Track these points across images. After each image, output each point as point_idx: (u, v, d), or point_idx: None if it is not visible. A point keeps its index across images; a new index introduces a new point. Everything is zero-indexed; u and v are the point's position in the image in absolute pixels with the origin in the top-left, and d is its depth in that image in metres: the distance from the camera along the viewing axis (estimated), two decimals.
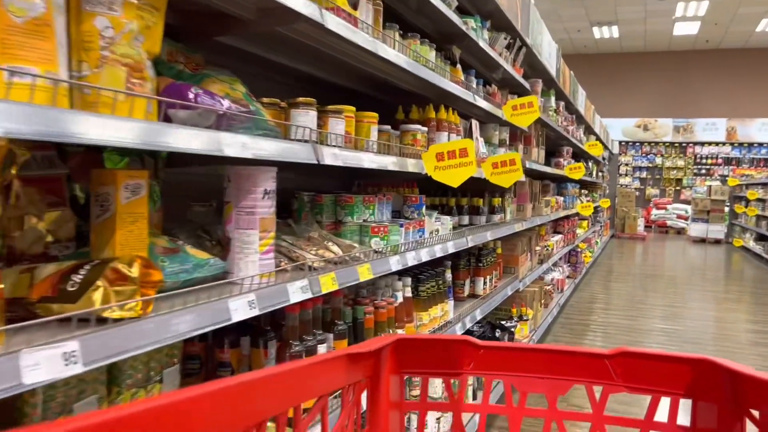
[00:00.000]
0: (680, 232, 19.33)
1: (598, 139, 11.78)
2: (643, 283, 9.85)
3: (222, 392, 0.57)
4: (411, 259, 2.62)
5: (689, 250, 15.15)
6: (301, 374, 0.72)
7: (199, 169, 2.32)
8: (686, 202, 20.37)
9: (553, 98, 6.72)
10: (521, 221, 5.10)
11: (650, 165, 22.06)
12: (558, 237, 7.65)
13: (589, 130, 11.23)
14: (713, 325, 7.00)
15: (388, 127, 2.77)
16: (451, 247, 3.18)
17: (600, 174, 14.04)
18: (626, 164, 22.20)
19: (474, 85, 3.68)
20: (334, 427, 0.86)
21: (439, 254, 2.97)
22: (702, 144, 21.31)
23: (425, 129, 2.87)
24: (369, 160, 2.17)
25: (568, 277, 8.45)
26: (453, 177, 2.66)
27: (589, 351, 0.98)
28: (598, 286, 9.32)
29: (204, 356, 2.09)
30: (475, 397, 3.78)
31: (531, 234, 5.81)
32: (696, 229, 17.28)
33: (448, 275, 3.45)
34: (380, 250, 2.43)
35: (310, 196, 2.52)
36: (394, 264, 2.44)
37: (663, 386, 0.95)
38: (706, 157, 21.38)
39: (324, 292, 1.89)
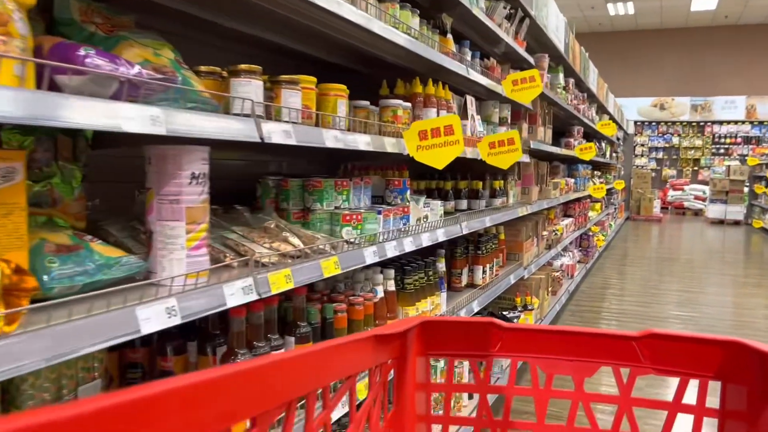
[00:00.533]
0: (698, 213, 18.85)
1: (611, 118, 11.37)
2: (659, 267, 9.50)
3: (253, 372, 0.57)
4: (391, 250, 2.35)
5: (707, 232, 14.71)
6: (329, 355, 0.73)
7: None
8: (704, 182, 19.85)
9: (561, 75, 6.37)
10: (525, 205, 4.80)
11: (667, 145, 21.52)
12: (568, 221, 7.33)
13: (602, 110, 10.83)
14: (731, 311, 6.66)
15: (366, 102, 2.48)
16: (441, 235, 2.90)
17: (614, 155, 13.62)
18: (642, 145, 21.68)
19: (468, 58, 3.37)
20: (362, 407, 0.86)
21: (426, 243, 2.70)
22: (720, 123, 20.73)
23: (408, 105, 2.58)
24: (333, 139, 1.89)
25: (579, 261, 8.13)
26: (437, 158, 2.37)
27: (616, 333, 0.97)
28: (611, 271, 8.99)
29: (147, 364, 1.83)
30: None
31: (537, 218, 5.51)
32: (714, 211, 16.80)
33: (440, 265, 3.17)
34: (353, 240, 2.15)
35: (276, 181, 2.24)
36: (370, 256, 2.17)
37: (692, 368, 0.95)
38: (725, 136, 20.81)
39: (275, 292, 1.62)
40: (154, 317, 1.24)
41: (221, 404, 0.53)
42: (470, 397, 3.65)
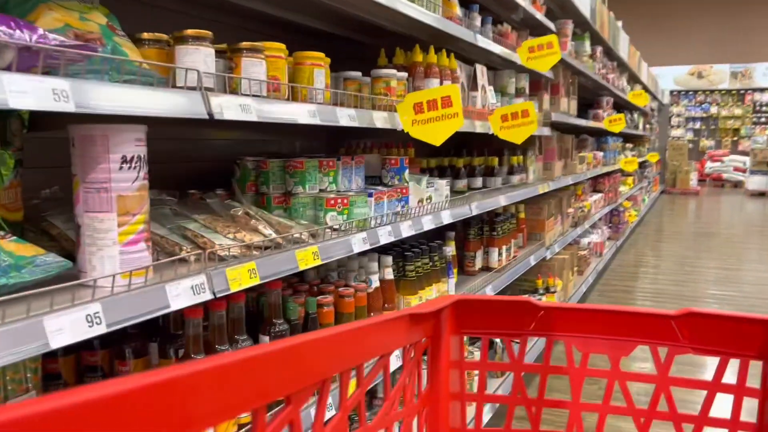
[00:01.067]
0: (737, 185, 18.13)
1: (644, 88, 10.88)
2: (695, 242, 9.09)
3: (288, 351, 0.58)
4: (385, 236, 2.13)
5: (747, 205, 14.12)
6: (363, 333, 0.73)
7: None
8: (744, 153, 19.04)
9: (587, 42, 6.02)
10: (547, 181, 4.53)
11: (705, 115, 20.71)
12: (597, 196, 7.00)
13: (633, 79, 10.36)
14: None
15: (357, 74, 2.26)
16: (447, 218, 2.67)
17: (648, 126, 13.10)
18: (678, 115, 20.91)
19: (478, 23, 3.10)
20: (396, 386, 0.87)
21: (429, 227, 2.48)
22: (762, 90, 19.81)
23: (403, 75, 2.34)
24: (307, 114, 1.68)
25: (608, 239, 7.81)
26: (434, 133, 2.14)
27: (653, 312, 0.96)
28: (644, 248, 8.63)
29: (107, 367, 1.67)
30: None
31: (562, 195, 5.23)
32: (755, 182, 16.11)
33: (448, 249, 2.95)
34: (339, 227, 1.94)
35: (255, 162, 2.04)
36: (358, 244, 1.96)
37: (732, 348, 0.93)
38: (767, 105, 19.91)
39: (235, 289, 1.43)
40: (68, 327, 1.06)
41: (256, 383, 0.53)
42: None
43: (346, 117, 1.85)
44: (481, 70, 3.14)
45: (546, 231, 4.56)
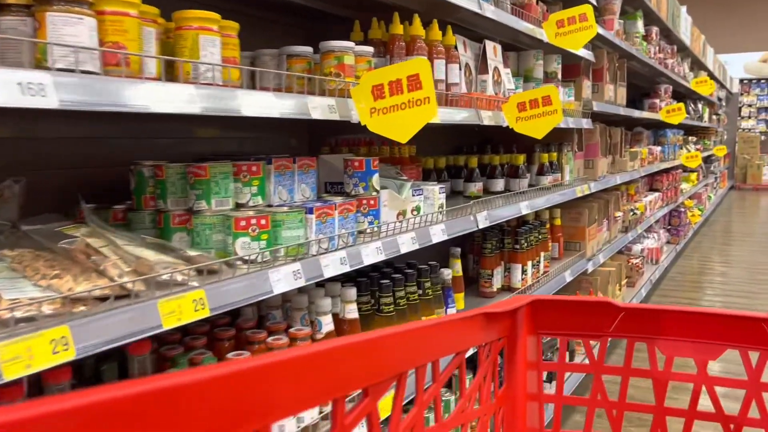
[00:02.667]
0: None
1: (710, 75, 9.89)
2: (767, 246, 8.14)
3: (365, 344, 0.59)
4: (334, 266, 1.58)
5: None
6: (438, 331, 0.74)
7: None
8: None
9: (640, 22, 5.27)
10: (588, 182, 3.86)
11: None
12: (653, 196, 6.23)
13: (697, 65, 9.42)
14: None
15: (306, 49, 1.71)
16: (439, 234, 2.09)
17: (715, 117, 12.02)
18: (749, 105, 19.41)
19: None
20: (472, 384, 0.86)
21: (409, 248, 1.91)
22: None
23: (366, 50, 1.78)
24: (185, 100, 1.14)
25: (668, 242, 7.00)
26: (399, 125, 1.57)
27: (744, 314, 0.91)
28: (710, 252, 7.75)
29: None
30: None
31: (609, 197, 4.53)
32: None
33: (447, 272, 2.36)
34: (253, 258, 1.40)
35: (152, 169, 1.52)
36: (284, 281, 1.41)
37: None
38: None
39: (10, 378, 0.91)
40: None
41: (335, 374, 0.54)
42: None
43: (252, 105, 1.30)
44: (493, 49, 2.54)
45: (587, 240, 3.90)
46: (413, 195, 2.06)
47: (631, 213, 5.20)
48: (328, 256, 1.57)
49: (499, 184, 3.16)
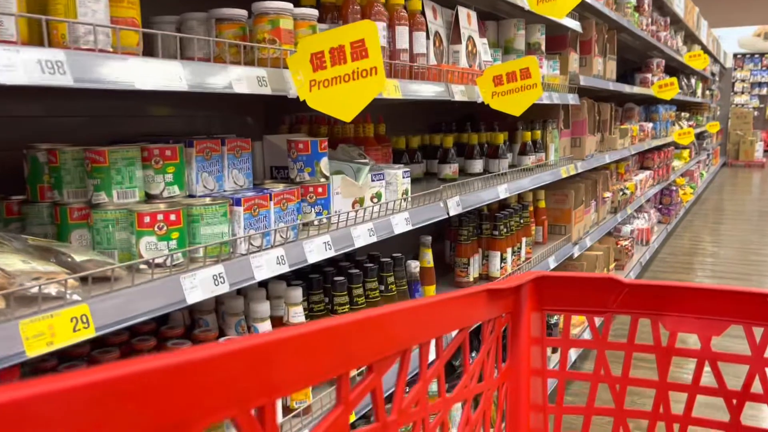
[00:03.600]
0: None
1: (703, 49, 9.63)
2: (760, 224, 7.96)
3: (370, 320, 0.59)
4: (268, 267, 1.35)
5: None
6: (442, 307, 0.74)
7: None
8: None
9: None
10: (575, 161, 3.64)
11: None
12: (644, 174, 6.02)
13: (691, 39, 9.15)
14: None
15: (239, 12, 1.47)
16: (403, 224, 1.87)
17: (708, 92, 11.79)
18: (742, 80, 19.17)
19: None
20: (476, 360, 0.87)
21: (363, 242, 1.68)
22: None
23: (312, 13, 1.53)
24: (32, 70, 0.90)
25: (658, 222, 6.81)
26: (341, 101, 1.33)
27: (747, 290, 0.92)
28: (701, 231, 7.57)
29: None
30: None
31: (597, 176, 4.31)
32: None
33: (415, 265, 2.14)
34: (159, 261, 1.17)
35: (47, 154, 1.28)
36: (197, 289, 1.18)
37: None
38: None
39: None
40: None
41: (340, 350, 0.55)
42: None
43: (152, 76, 1.06)
44: (466, 15, 2.29)
45: (574, 223, 3.69)
46: (372, 180, 1.83)
47: (621, 193, 4.99)
48: (261, 256, 1.34)
49: (478, 165, 2.93)
